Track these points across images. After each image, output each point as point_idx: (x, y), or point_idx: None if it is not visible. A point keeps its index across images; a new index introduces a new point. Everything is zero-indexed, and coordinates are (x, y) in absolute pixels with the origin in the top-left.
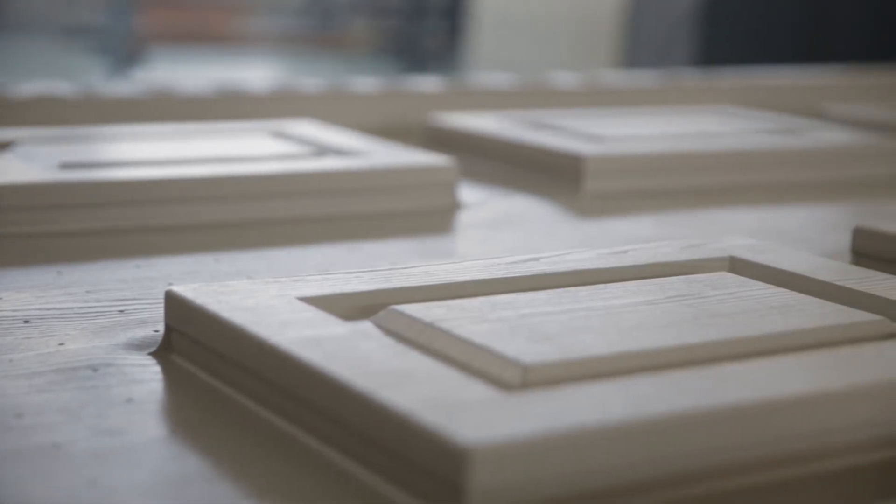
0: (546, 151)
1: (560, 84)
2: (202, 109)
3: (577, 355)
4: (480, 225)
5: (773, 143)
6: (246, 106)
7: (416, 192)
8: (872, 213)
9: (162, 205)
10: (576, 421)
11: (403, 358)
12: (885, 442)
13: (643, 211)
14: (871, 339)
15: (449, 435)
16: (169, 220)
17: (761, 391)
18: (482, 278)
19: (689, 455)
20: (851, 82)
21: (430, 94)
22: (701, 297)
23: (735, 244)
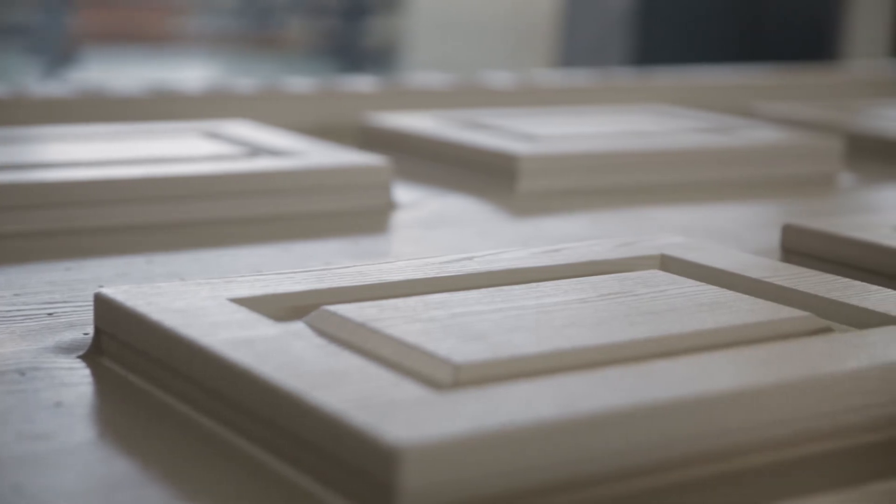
0: (481, 151)
1: (495, 84)
2: (134, 110)
3: (508, 354)
4: (415, 225)
5: (705, 141)
6: (179, 106)
7: (350, 192)
8: (802, 210)
9: (93, 206)
10: (506, 419)
11: (335, 358)
12: (811, 437)
13: (577, 210)
14: (799, 335)
15: (379, 435)
16: (100, 222)
17: (690, 388)
18: (415, 278)
19: (619, 452)
20: (781, 82)
21: (364, 94)
22: (632, 295)
23: (667, 242)
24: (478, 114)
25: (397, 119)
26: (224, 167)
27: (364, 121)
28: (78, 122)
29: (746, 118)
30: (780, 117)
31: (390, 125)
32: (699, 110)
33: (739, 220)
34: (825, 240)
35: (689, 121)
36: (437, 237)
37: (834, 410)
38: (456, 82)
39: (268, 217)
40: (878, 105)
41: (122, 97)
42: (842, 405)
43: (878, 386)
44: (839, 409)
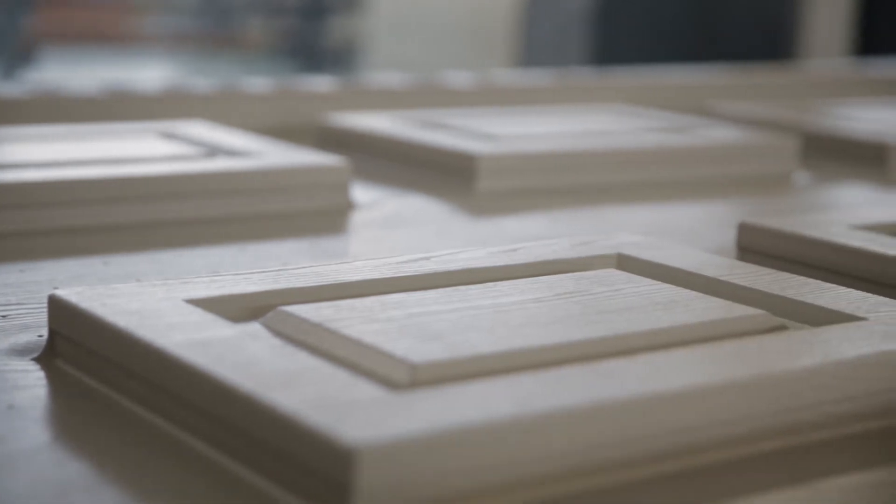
0: (439, 151)
1: (454, 84)
2: (91, 110)
3: (465, 354)
4: (373, 225)
5: (663, 141)
6: (136, 107)
7: (308, 192)
8: (758, 209)
9: (48, 208)
10: (462, 419)
11: (291, 359)
12: (765, 434)
13: (536, 209)
14: (754, 333)
15: (335, 435)
16: (56, 224)
17: (645, 386)
18: (372, 278)
19: (575, 451)
20: (738, 81)
21: (323, 94)
22: (588, 294)
23: (623, 241)
24: (436, 114)
25: (356, 119)
26: (181, 168)
27: (322, 121)
28: (33, 123)
29: (704, 118)
30: (736, 117)
31: (349, 125)
32: (657, 110)
33: (696, 219)
34: (780, 238)
35: (646, 120)
36: (395, 237)
37: (788, 408)
38: (415, 82)
39: (225, 218)
40: (834, 104)
41: (79, 97)
42: (796, 403)
43: (832, 383)
44: (793, 406)
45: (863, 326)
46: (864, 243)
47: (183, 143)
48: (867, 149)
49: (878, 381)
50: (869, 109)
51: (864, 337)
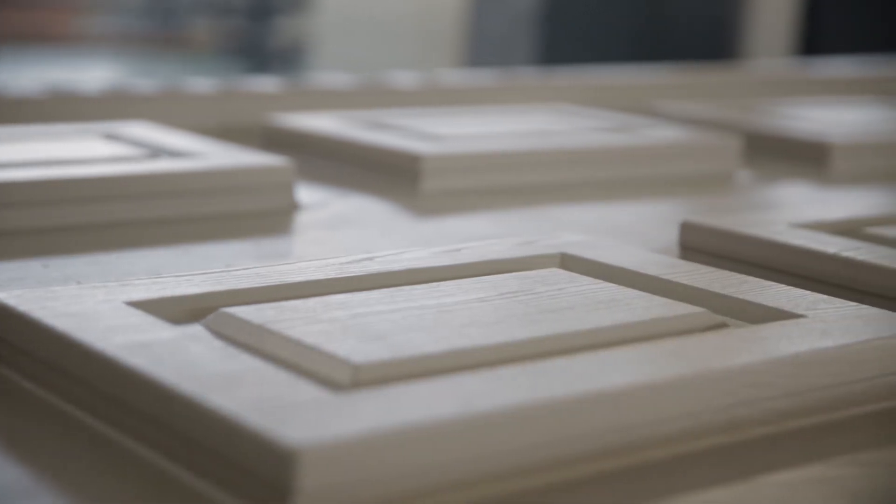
0: (384, 151)
1: (399, 84)
2: (32, 111)
3: (407, 354)
4: (318, 226)
5: (607, 140)
6: (78, 107)
7: (252, 193)
8: (701, 207)
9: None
10: (404, 419)
11: (233, 360)
12: (705, 431)
13: (481, 209)
14: (694, 330)
15: (276, 437)
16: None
17: (586, 385)
18: (315, 279)
19: (518, 450)
20: (682, 81)
21: (268, 95)
22: (532, 293)
23: (566, 241)
24: (382, 114)
25: (301, 119)
26: (123, 169)
27: (267, 121)
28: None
29: (648, 117)
30: (680, 116)
31: (293, 126)
32: (602, 109)
33: (640, 218)
34: (722, 237)
35: (591, 120)
36: (340, 238)
37: (727, 405)
38: (360, 82)
39: (168, 219)
40: (777, 104)
41: (19, 98)
42: (735, 400)
43: (771, 380)
44: (732, 403)
45: (801, 324)
46: (803, 241)
47: (125, 145)
48: (808, 148)
49: (816, 378)
50: (811, 109)
51: (802, 334)
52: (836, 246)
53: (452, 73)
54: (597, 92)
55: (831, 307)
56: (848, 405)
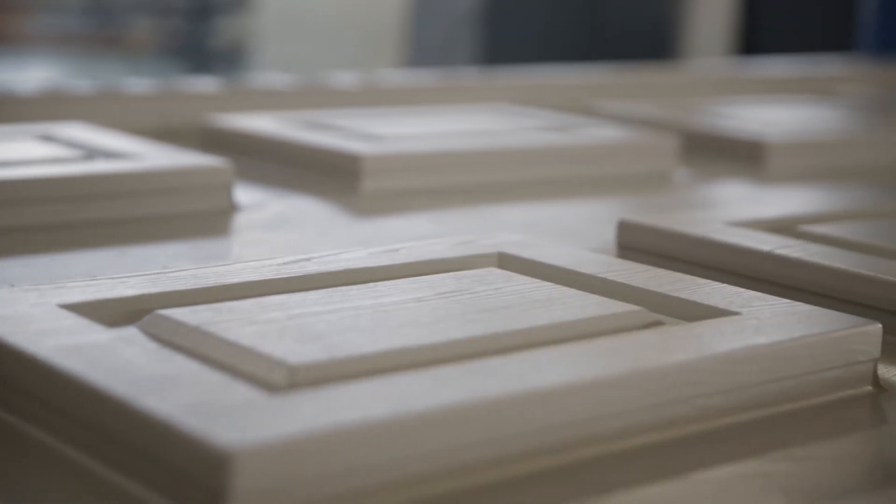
0: (323, 151)
1: (339, 84)
2: None
3: (344, 354)
4: (256, 227)
5: (547, 140)
6: (13, 109)
7: (190, 194)
8: (639, 206)
9: None
10: (340, 420)
11: (167, 363)
12: (641, 429)
13: (420, 209)
14: (630, 329)
15: (210, 439)
16: None
17: (522, 383)
18: (252, 280)
19: (454, 449)
20: (622, 81)
21: (207, 95)
22: (469, 293)
23: (504, 240)
24: (321, 114)
25: (239, 120)
26: (58, 170)
27: (206, 122)
28: None
29: (587, 117)
30: (619, 116)
31: (232, 126)
32: (542, 109)
33: (578, 217)
34: (659, 235)
35: (530, 119)
36: (278, 239)
37: (662, 402)
38: (300, 83)
39: (104, 221)
40: (715, 103)
41: None
42: (670, 397)
43: (705, 377)
44: (668, 400)
45: (735, 321)
46: (739, 240)
47: (61, 146)
48: (745, 147)
49: (750, 375)
50: (749, 108)
51: (736, 331)
52: (771, 244)
53: (392, 73)
54: (537, 92)
55: (765, 305)
56: (781, 401)
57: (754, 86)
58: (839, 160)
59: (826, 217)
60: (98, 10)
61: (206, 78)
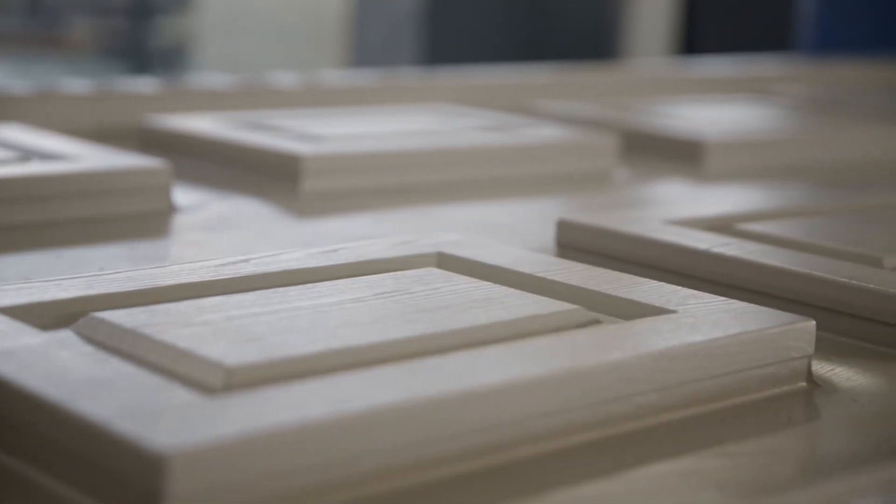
0: (264, 152)
1: (280, 84)
2: None
3: (281, 355)
4: (195, 228)
5: (487, 140)
6: None
7: (128, 196)
8: (579, 205)
9: None
10: (276, 421)
11: (102, 366)
12: (579, 427)
13: (361, 210)
14: (568, 328)
15: (145, 442)
16: None
17: (459, 383)
18: (190, 282)
19: (391, 449)
20: (563, 80)
21: (146, 96)
22: (408, 293)
23: (443, 240)
24: (261, 115)
25: (178, 121)
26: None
27: (145, 123)
28: None
29: (528, 117)
30: (560, 115)
31: (171, 127)
32: (484, 109)
33: (519, 217)
34: (597, 234)
35: (471, 119)
36: (218, 240)
37: (600, 400)
38: (240, 83)
39: (40, 223)
40: (655, 103)
41: None
42: (607, 395)
43: (642, 375)
44: (605, 398)
45: (672, 319)
46: (676, 238)
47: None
48: (684, 146)
49: (686, 372)
50: (688, 108)
51: (672, 329)
52: (708, 242)
53: (334, 73)
54: (478, 92)
55: (701, 303)
56: (717, 398)
57: (694, 85)
58: (776, 159)
59: (762, 215)
60: (38, 11)
61: (145, 78)
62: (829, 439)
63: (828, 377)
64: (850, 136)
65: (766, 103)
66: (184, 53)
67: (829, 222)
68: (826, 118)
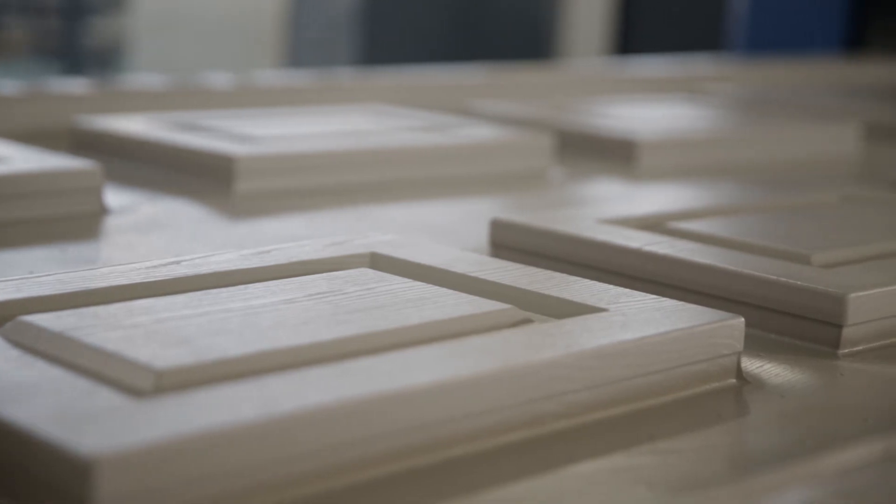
0: (196, 153)
1: (214, 85)
2: None
3: (212, 358)
4: (127, 230)
5: (422, 140)
6: None
7: (59, 197)
8: (514, 205)
9: None
10: (205, 424)
11: (29, 370)
12: (509, 426)
13: (295, 210)
14: (500, 327)
15: (72, 447)
16: None
17: (391, 383)
18: (120, 284)
19: (323, 450)
20: (499, 80)
21: (78, 97)
22: (341, 293)
23: (377, 240)
24: (195, 115)
25: (111, 122)
26: None
27: (76, 124)
28: None
29: (463, 117)
30: (495, 115)
31: (103, 128)
32: (419, 109)
33: (453, 217)
34: (531, 234)
35: (406, 120)
36: (150, 242)
37: (531, 399)
38: (173, 84)
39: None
40: (590, 102)
41: None
42: (539, 393)
43: (573, 373)
44: (536, 397)
45: (603, 317)
46: (608, 237)
47: None
48: (618, 145)
49: (617, 370)
50: (622, 107)
51: (603, 328)
52: (640, 241)
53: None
54: (414, 92)
55: (632, 300)
56: (647, 395)
57: (628, 85)
58: (708, 158)
59: (694, 214)
60: None
61: (77, 79)
62: (757, 435)
63: (757, 373)
64: (781, 134)
65: (699, 103)
66: (118, 54)
67: (759, 220)
68: (757, 117)
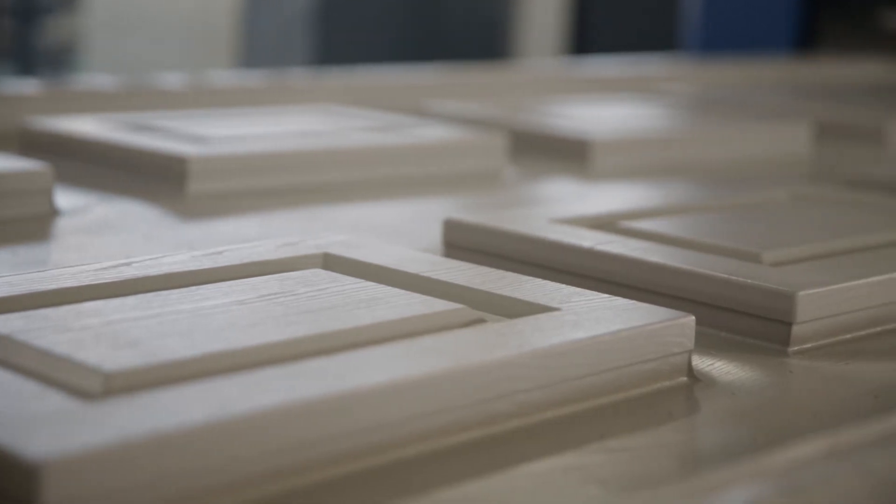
0: (148, 154)
1: (166, 85)
2: None
3: (161, 359)
4: (78, 231)
5: (375, 140)
6: None
7: (8, 199)
8: (468, 205)
9: None
10: (154, 426)
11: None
12: (461, 426)
13: (248, 211)
14: (453, 327)
15: (18, 451)
16: None
17: (341, 383)
18: (69, 286)
19: (273, 452)
20: (454, 80)
21: (28, 98)
22: (292, 294)
23: (330, 241)
24: (147, 116)
25: (61, 123)
26: None
27: (25, 125)
28: None
29: (417, 117)
30: (450, 115)
31: (53, 129)
32: (374, 110)
33: (406, 217)
34: (484, 233)
35: (359, 120)
36: (101, 244)
37: (483, 399)
38: (126, 84)
39: None
40: (545, 102)
41: None
42: (490, 393)
43: (525, 373)
44: (488, 397)
45: (555, 317)
46: (561, 236)
47: None
48: (571, 145)
49: (569, 369)
50: (577, 107)
51: (555, 327)
52: (592, 240)
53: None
54: (368, 92)
55: (584, 300)
56: (599, 394)
57: (583, 85)
58: (661, 158)
59: (646, 213)
60: None
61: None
62: (707, 432)
63: (708, 371)
64: (733, 134)
65: (652, 102)
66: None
67: (710, 219)
68: (709, 117)
